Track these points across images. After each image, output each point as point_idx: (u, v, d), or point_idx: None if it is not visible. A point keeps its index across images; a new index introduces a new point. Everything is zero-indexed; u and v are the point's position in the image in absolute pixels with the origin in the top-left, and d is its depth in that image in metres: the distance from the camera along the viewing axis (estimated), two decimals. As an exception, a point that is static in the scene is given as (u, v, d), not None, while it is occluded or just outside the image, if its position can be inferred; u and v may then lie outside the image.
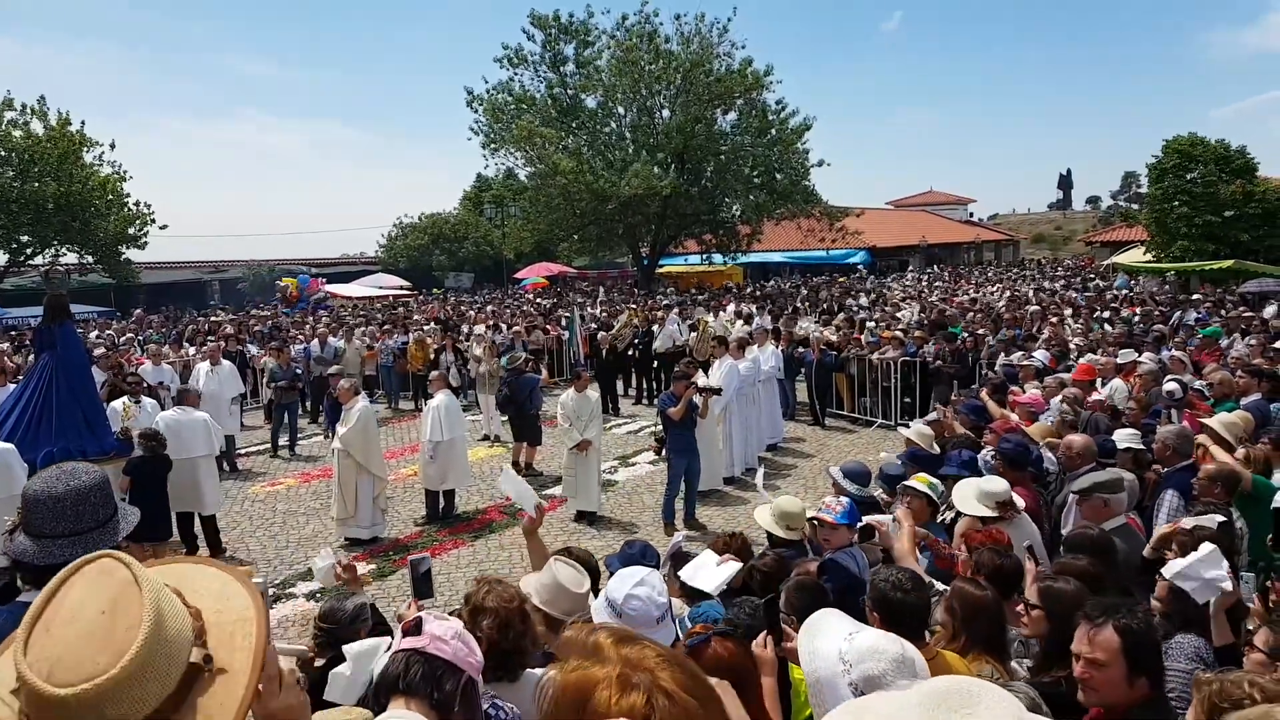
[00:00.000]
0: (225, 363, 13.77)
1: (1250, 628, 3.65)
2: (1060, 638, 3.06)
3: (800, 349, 15.80)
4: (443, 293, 41.50)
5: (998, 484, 5.16)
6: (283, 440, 14.09)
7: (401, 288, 39.70)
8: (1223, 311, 18.30)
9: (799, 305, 25.50)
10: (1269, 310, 18.18)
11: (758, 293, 34.12)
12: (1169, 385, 8.70)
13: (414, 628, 2.26)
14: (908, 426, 8.07)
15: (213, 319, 27.63)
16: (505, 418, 13.37)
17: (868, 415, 15.17)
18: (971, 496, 5.10)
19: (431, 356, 16.98)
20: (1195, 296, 22.70)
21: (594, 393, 10.88)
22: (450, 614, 2.90)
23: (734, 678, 2.52)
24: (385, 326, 20.81)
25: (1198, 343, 12.85)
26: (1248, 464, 5.90)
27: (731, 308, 22.80)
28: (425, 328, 20.18)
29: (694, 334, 17.79)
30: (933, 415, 8.37)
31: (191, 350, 17.60)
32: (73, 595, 1.33)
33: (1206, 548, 3.59)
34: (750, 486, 11.69)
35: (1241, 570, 4.65)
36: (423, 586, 3.67)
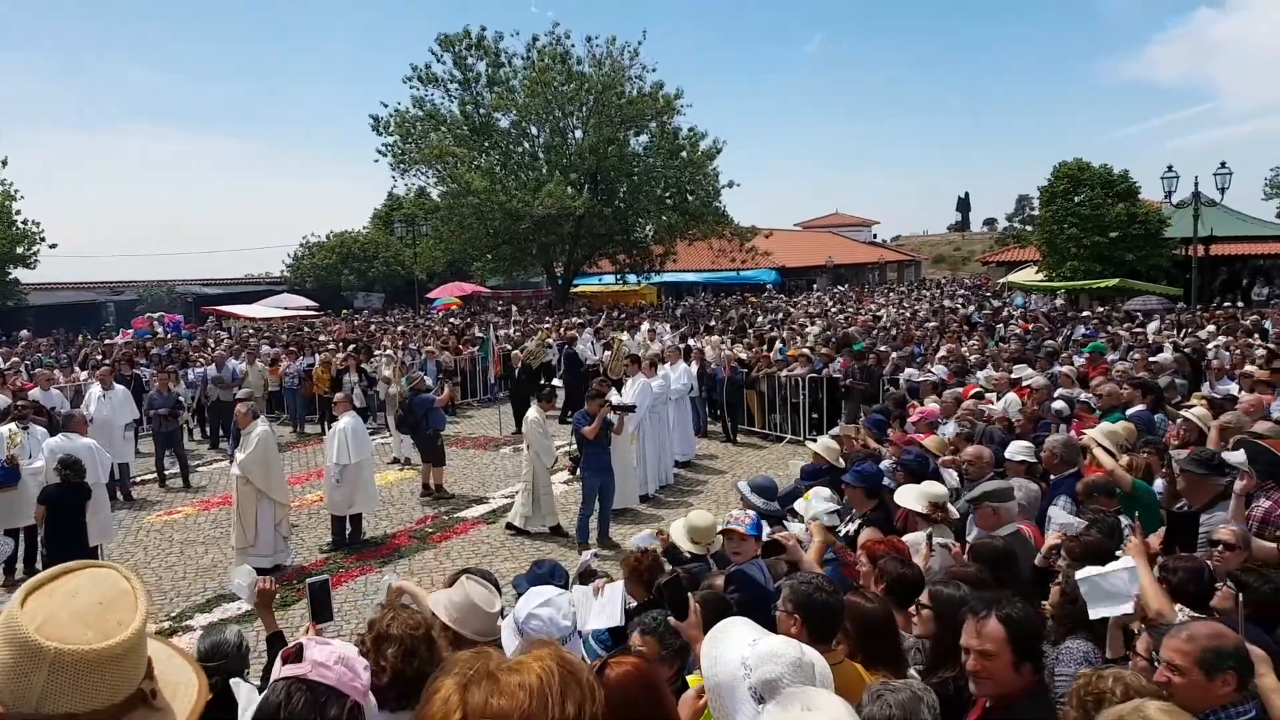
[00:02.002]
0: (118, 387, 13.20)
1: (1135, 629, 3.83)
2: (949, 640, 3.17)
3: (712, 366, 16.00)
4: (350, 313, 40.64)
5: (938, 488, 5.54)
6: (172, 470, 13.52)
7: (308, 308, 38.73)
8: (1109, 327, 19.20)
9: (711, 324, 25.80)
10: (1151, 325, 19.19)
11: (672, 312, 34.42)
12: (1056, 404, 9.11)
13: (295, 654, 2.18)
14: (816, 441, 8.25)
15: (106, 342, 26.43)
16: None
17: (778, 431, 15.41)
18: (913, 496, 5.48)
19: (334, 377, 16.57)
20: (1085, 314, 23.78)
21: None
22: (355, 642, 2.85)
23: (642, 690, 2.53)
24: (290, 348, 20.27)
25: (1085, 357, 13.45)
26: (1131, 471, 6.22)
27: (646, 326, 22.94)
28: (329, 348, 19.76)
29: (608, 353, 17.86)
30: (837, 430, 8.57)
31: (84, 375, 16.85)
32: (75, 581, 1.46)
33: (1128, 562, 3.73)
34: (664, 504, 11.77)
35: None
36: (321, 609, 3.55)
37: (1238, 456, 5.18)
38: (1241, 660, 2.78)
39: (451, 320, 32.27)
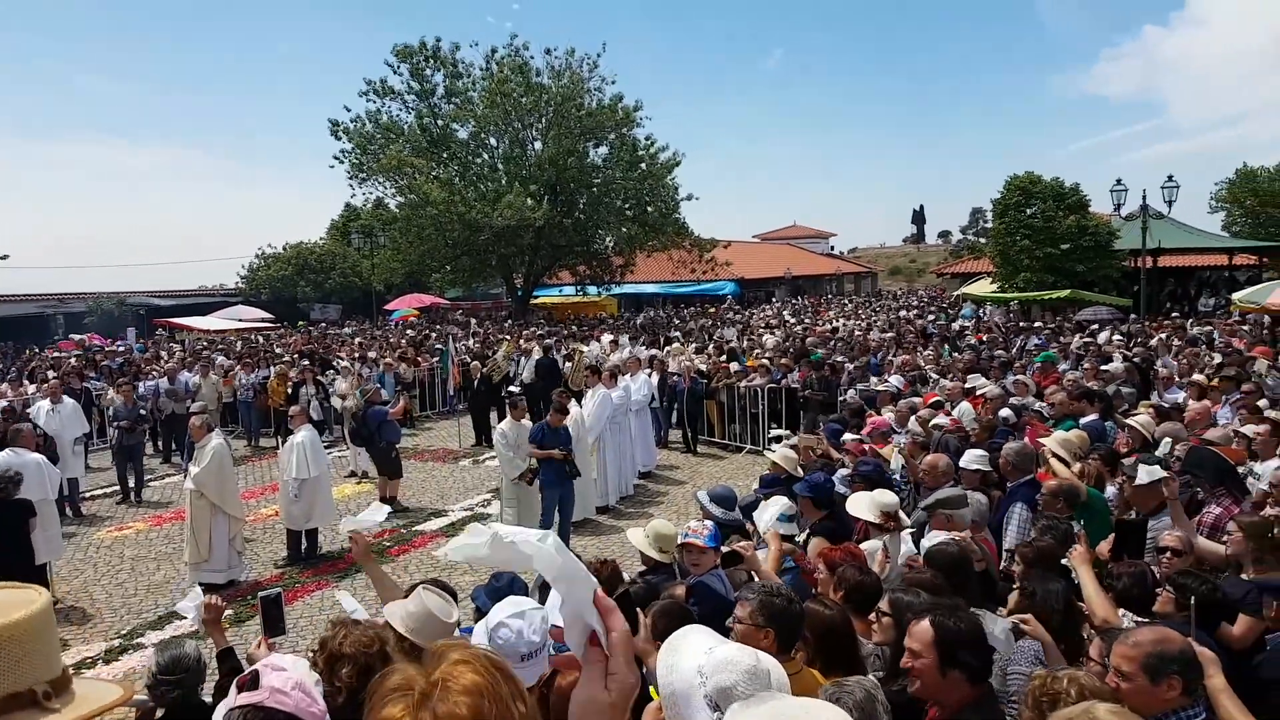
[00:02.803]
0: (67, 400, 12.90)
1: (1085, 635, 3.91)
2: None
3: (674, 377, 16.05)
4: (306, 325, 40.15)
5: (889, 497, 5.56)
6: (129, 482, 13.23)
7: (263, 320, 38.19)
8: (1060, 338, 19.55)
9: (671, 335, 25.86)
10: (1102, 336, 19.57)
11: (632, 323, 34.47)
12: (1004, 412, 9.28)
13: (251, 681, 2.15)
14: (774, 451, 8.30)
15: (55, 354, 25.84)
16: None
17: (737, 441, 15.48)
18: (865, 505, 5.51)
19: (290, 390, 16.33)
20: (1037, 324, 24.20)
21: (528, 421, 10.62)
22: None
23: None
24: (245, 360, 19.96)
25: (1037, 367, 13.68)
26: (1083, 478, 6.37)
27: (607, 337, 22.92)
28: (285, 360, 19.51)
29: (569, 364, 17.85)
30: (794, 439, 8.64)
31: (32, 388, 16.45)
32: None
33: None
34: (624, 515, 11.75)
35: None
36: (273, 623, 3.48)
37: (1150, 472, 5.32)
38: (1187, 664, 2.85)
39: (409, 331, 32.01)
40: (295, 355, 21.53)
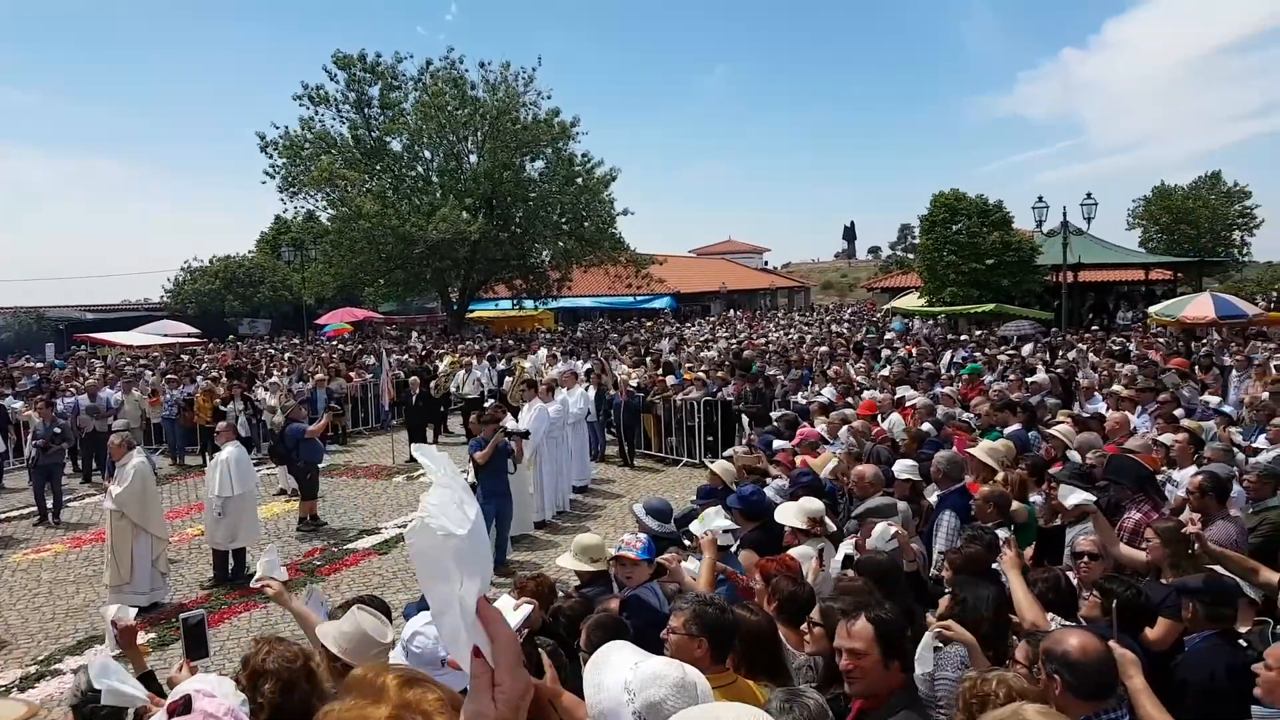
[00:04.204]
0: (-21, 420, 12.41)
1: (1014, 637, 4.00)
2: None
3: (610, 391, 16.06)
4: (235, 340, 39.18)
5: (815, 504, 5.64)
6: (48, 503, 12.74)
7: (190, 335, 37.16)
8: (985, 350, 20.05)
9: (609, 348, 25.88)
10: (1026, 348, 20.16)
11: (569, 337, 34.39)
12: (925, 425, 9.50)
13: (182, 706, 2.09)
14: (714, 462, 8.36)
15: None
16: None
17: (674, 454, 15.53)
18: (792, 513, 5.60)
19: (216, 406, 15.90)
20: (963, 338, 24.77)
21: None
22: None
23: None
24: (170, 376, 19.40)
25: (964, 379, 14.02)
26: (1008, 486, 6.52)
27: (543, 351, 22.83)
28: (212, 376, 19.03)
29: (509, 378, 17.77)
30: (729, 451, 8.71)
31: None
32: None
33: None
34: (561, 530, 11.69)
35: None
36: (195, 645, 3.38)
37: (1073, 498, 5.41)
38: (1066, 665, 2.91)
39: (341, 346, 31.46)
40: (223, 370, 21.01)
